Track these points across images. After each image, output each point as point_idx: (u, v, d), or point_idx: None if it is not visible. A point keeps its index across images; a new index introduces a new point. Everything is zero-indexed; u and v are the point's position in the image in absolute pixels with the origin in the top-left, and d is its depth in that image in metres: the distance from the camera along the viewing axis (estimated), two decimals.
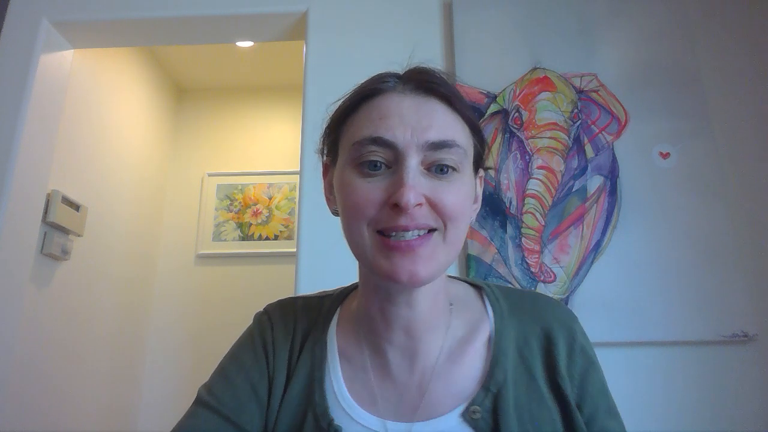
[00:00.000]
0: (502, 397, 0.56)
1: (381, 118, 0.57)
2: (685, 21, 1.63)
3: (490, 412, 0.56)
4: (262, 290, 2.64)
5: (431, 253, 0.54)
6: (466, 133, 0.59)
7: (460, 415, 0.56)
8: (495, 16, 1.67)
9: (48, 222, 1.84)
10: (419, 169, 0.55)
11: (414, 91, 0.59)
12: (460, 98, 0.60)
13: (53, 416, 1.87)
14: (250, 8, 1.77)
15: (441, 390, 0.58)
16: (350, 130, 0.60)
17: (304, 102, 1.66)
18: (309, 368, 0.63)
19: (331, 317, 0.68)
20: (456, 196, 0.55)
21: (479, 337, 0.61)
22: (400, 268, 0.53)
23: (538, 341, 0.61)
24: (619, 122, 1.54)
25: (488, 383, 0.57)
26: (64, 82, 1.89)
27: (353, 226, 0.57)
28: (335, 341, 0.64)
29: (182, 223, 2.77)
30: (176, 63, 2.82)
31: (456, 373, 0.59)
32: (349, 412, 0.59)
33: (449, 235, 0.55)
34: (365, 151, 0.56)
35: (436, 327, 0.61)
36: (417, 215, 0.53)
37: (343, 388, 0.60)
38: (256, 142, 2.93)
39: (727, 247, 1.41)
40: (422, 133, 0.55)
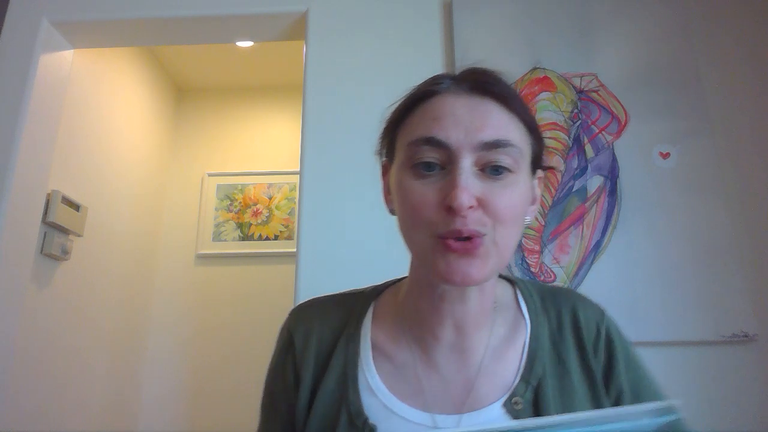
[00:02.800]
0: (541, 389, 0.58)
1: (435, 119, 0.57)
2: (685, 21, 1.63)
3: (531, 403, 0.58)
4: (262, 290, 2.64)
5: (484, 254, 0.54)
6: (522, 133, 0.59)
7: (502, 406, 0.58)
8: (495, 16, 1.67)
9: (48, 222, 1.84)
10: (473, 170, 0.55)
11: (468, 91, 0.59)
12: (515, 98, 0.59)
13: (53, 416, 1.87)
14: (250, 8, 1.77)
15: (486, 384, 0.59)
16: (405, 131, 0.61)
17: (304, 102, 1.66)
18: (342, 366, 0.63)
19: (365, 314, 0.68)
20: (509, 198, 0.55)
21: (518, 334, 0.63)
22: (455, 269, 0.54)
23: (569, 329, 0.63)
24: (619, 122, 1.54)
25: (528, 376, 0.59)
26: (64, 82, 1.89)
27: (412, 229, 0.57)
28: (369, 338, 0.65)
29: (182, 223, 2.77)
30: (176, 63, 2.82)
31: (499, 368, 0.60)
32: (391, 407, 0.59)
33: (499, 238, 0.55)
34: (419, 151, 0.56)
35: (483, 324, 0.62)
36: (470, 218, 0.53)
37: (380, 383, 0.61)
38: (256, 142, 2.93)
39: (727, 247, 1.41)
40: (476, 134, 0.55)
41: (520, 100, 0.60)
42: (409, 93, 0.63)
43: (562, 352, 0.62)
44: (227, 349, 2.58)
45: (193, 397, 2.52)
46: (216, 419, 2.48)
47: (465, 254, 0.54)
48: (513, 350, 0.62)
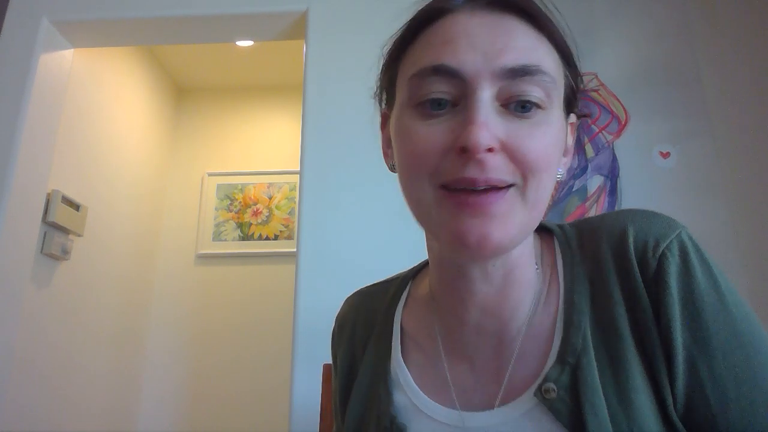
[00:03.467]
0: (581, 369, 0.44)
1: (444, 42, 0.45)
2: (685, 21, 1.63)
3: (568, 390, 0.44)
4: (262, 290, 2.64)
5: (507, 211, 0.43)
6: (555, 60, 0.47)
7: (534, 395, 0.46)
8: None
9: (48, 222, 1.84)
10: (493, 105, 0.43)
11: (487, 7, 0.46)
12: (549, 17, 0.48)
13: (53, 416, 1.87)
14: (250, 8, 1.77)
15: (520, 370, 0.48)
16: (408, 62, 0.48)
17: (304, 101, 1.66)
18: (373, 363, 0.56)
19: (396, 302, 0.59)
20: (541, 141, 0.43)
21: (554, 297, 0.49)
22: (468, 229, 0.42)
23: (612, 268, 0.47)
24: (619, 122, 1.54)
25: (564, 353, 0.46)
26: (64, 81, 1.89)
27: (412, 180, 0.46)
28: (399, 329, 0.57)
29: (182, 222, 2.77)
30: (176, 63, 2.82)
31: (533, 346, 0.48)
32: (419, 405, 0.51)
33: (530, 191, 0.43)
34: (425, 84, 0.44)
35: (522, 300, 0.49)
36: (489, 165, 0.42)
37: (408, 378, 0.53)
38: (256, 141, 2.93)
39: (727, 246, 1.41)
40: (497, 58, 0.43)
41: (551, 18, 0.48)
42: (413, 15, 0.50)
43: (609, 311, 0.46)
44: (227, 349, 2.58)
45: (193, 397, 2.52)
46: (216, 419, 2.48)
47: (479, 210, 0.42)
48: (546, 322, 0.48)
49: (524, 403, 0.46)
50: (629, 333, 0.45)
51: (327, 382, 1.10)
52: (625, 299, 0.46)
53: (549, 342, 0.47)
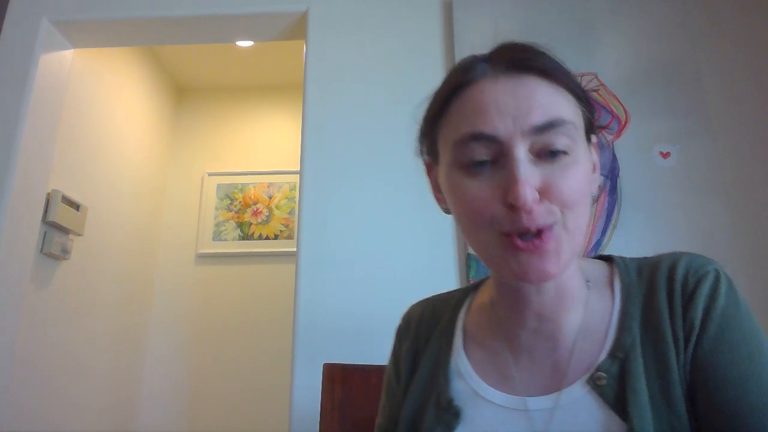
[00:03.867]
0: (629, 362, 0.53)
1: (477, 111, 0.53)
2: (685, 21, 1.63)
3: (616, 378, 0.53)
4: (262, 290, 2.65)
5: (557, 247, 0.51)
6: (573, 104, 0.55)
7: (585, 383, 0.54)
8: (495, 16, 1.67)
9: (48, 222, 1.84)
10: (528, 158, 0.51)
11: (506, 72, 0.53)
12: (559, 68, 0.55)
13: (53, 416, 1.88)
14: (250, 8, 1.77)
15: (576, 365, 0.56)
16: (446, 129, 0.56)
17: (304, 101, 1.66)
18: (435, 355, 0.65)
19: (460, 307, 0.69)
20: (572, 180, 0.51)
21: (608, 308, 0.59)
22: (529, 268, 0.51)
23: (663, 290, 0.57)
24: (619, 122, 1.54)
25: (615, 350, 0.55)
26: (64, 81, 1.89)
27: (474, 231, 0.54)
28: (462, 329, 0.66)
29: (182, 222, 2.77)
30: (176, 63, 2.82)
31: (589, 346, 0.57)
32: (478, 391, 0.59)
33: (569, 223, 0.52)
34: (467, 150, 0.53)
35: (570, 307, 0.59)
36: (536, 213, 0.50)
37: (469, 368, 0.61)
38: (256, 141, 2.93)
39: (727, 246, 1.41)
40: (524, 119, 0.51)
41: (563, 68, 0.56)
42: (442, 85, 0.58)
43: (655, 319, 0.55)
44: (227, 348, 2.58)
45: (194, 397, 2.52)
46: (216, 418, 2.48)
47: (536, 251, 0.51)
48: (600, 327, 0.58)
49: (578, 389, 0.55)
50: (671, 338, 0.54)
51: (327, 381, 1.10)
52: (668, 312, 0.55)
53: (602, 343, 0.57)
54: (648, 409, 0.51)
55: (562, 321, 0.58)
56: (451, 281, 1.46)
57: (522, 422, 0.55)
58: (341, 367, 1.11)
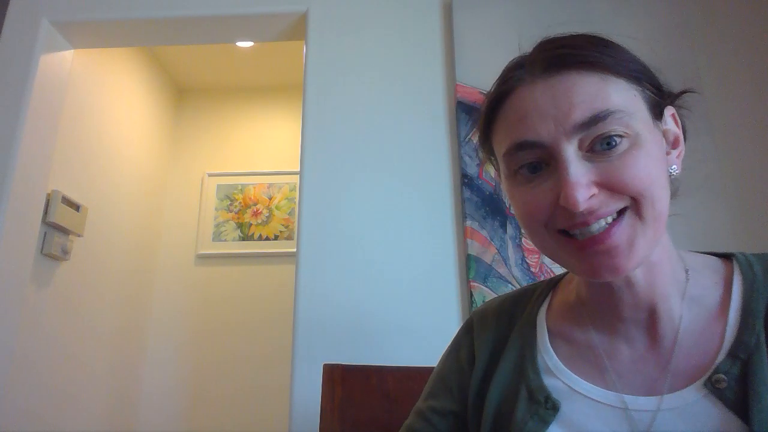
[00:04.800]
0: (753, 364, 0.49)
1: (519, 120, 0.52)
2: (685, 21, 1.63)
3: (738, 381, 0.49)
4: (262, 290, 2.65)
5: (628, 238, 0.49)
6: (623, 88, 0.52)
7: (703, 386, 0.51)
8: (495, 16, 1.67)
9: (48, 222, 1.84)
10: (580, 155, 0.49)
11: (543, 73, 0.52)
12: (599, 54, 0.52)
13: (53, 415, 1.87)
14: (250, 8, 1.77)
15: (685, 362, 0.53)
16: (497, 141, 0.56)
17: (304, 102, 1.66)
18: (519, 348, 0.62)
19: (542, 301, 0.66)
20: (635, 167, 0.49)
21: (726, 305, 0.55)
22: (598, 266, 0.49)
23: None
24: None
25: (736, 350, 0.51)
26: (64, 82, 1.89)
27: (534, 233, 0.54)
28: (545, 323, 0.63)
29: (182, 223, 2.77)
30: (176, 63, 2.82)
31: (702, 344, 0.53)
32: (574, 387, 0.56)
33: (645, 210, 0.49)
34: (515, 159, 0.52)
35: (669, 296, 0.55)
36: (595, 207, 0.48)
37: (559, 364, 0.59)
38: (256, 142, 2.93)
39: (727, 247, 1.41)
40: (566, 119, 0.49)
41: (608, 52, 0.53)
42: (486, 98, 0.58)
43: None
44: (227, 349, 2.58)
45: (194, 397, 2.52)
46: (216, 419, 2.48)
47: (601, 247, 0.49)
48: (718, 321, 0.54)
49: (694, 393, 0.51)
50: None
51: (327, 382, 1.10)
52: None
53: (718, 341, 0.53)
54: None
55: (659, 310, 0.55)
56: (452, 281, 1.46)
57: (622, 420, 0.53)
58: (341, 368, 1.11)
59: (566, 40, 0.54)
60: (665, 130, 0.56)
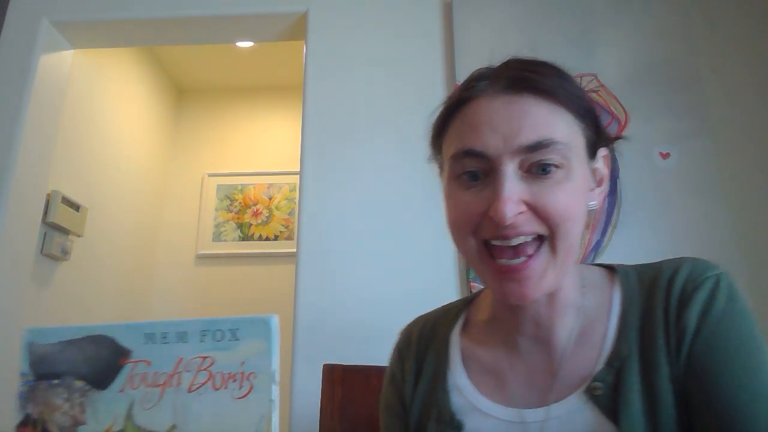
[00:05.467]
0: (624, 371, 0.54)
1: (471, 129, 0.55)
2: (685, 21, 1.63)
3: (612, 388, 0.54)
4: (262, 290, 2.64)
5: (541, 272, 0.53)
6: (569, 123, 0.55)
7: (583, 393, 0.55)
8: (495, 15, 1.67)
9: (48, 222, 1.84)
10: (517, 175, 0.53)
11: (504, 90, 0.55)
12: (557, 87, 0.55)
13: None
14: (250, 8, 1.77)
15: (570, 372, 0.57)
16: (447, 143, 0.59)
17: (304, 102, 1.66)
18: (433, 370, 0.66)
19: (456, 322, 0.69)
20: (561, 197, 0.52)
21: (607, 316, 0.59)
22: (509, 291, 0.53)
23: (661, 298, 0.56)
24: (619, 122, 1.54)
25: (612, 359, 0.55)
26: (64, 82, 1.89)
27: (458, 237, 0.57)
28: (458, 343, 0.66)
29: (182, 223, 2.77)
30: (176, 63, 2.82)
31: (585, 354, 0.58)
32: (476, 405, 0.60)
33: (558, 242, 0.53)
34: (461, 163, 0.55)
35: (566, 312, 0.60)
36: (518, 223, 0.52)
37: (467, 382, 0.62)
38: (256, 142, 2.93)
39: (727, 246, 1.41)
40: (514, 138, 0.52)
41: (564, 86, 0.56)
42: (447, 99, 0.61)
43: (652, 327, 0.55)
44: None
45: None
46: None
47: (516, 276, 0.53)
48: (600, 333, 0.58)
49: (575, 400, 0.55)
50: (664, 345, 0.54)
51: (327, 382, 1.10)
52: (663, 319, 0.55)
53: (598, 351, 0.57)
54: (641, 418, 0.52)
55: (556, 326, 0.59)
56: (451, 282, 1.46)
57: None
58: (341, 368, 1.11)
59: (531, 65, 0.58)
60: (595, 168, 0.60)
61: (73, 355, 0.49)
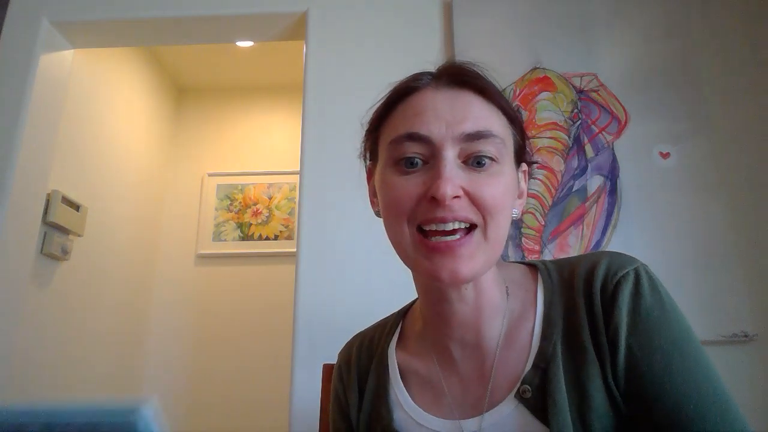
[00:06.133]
0: (550, 371, 0.55)
1: (416, 114, 0.57)
2: (685, 21, 1.63)
3: (539, 389, 0.54)
4: (262, 290, 2.64)
5: (472, 252, 0.54)
6: (504, 124, 0.59)
7: (514, 397, 0.56)
8: (495, 16, 1.67)
9: (48, 222, 1.84)
10: (456, 162, 0.55)
11: (448, 85, 0.58)
12: (495, 90, 0.59)
13: None
14: (250, 8, 1.77)
15: (501, 376, 0.58)
16: (387, 130, 0.60)
17: (304, 102, 1.66)
18: (374, 388, 0.66)
19: (392, 336, 0.70)
20: (495, 188, 0.55)
21: (531, 316, 0.60)
22: (441, 267, 0.53)
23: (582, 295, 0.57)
24: (619, 122, 1.54)
25: (538, 360, 0.56)
26: (64, 82, 1.89)
27: (393, 223, 0.58)
28: (395, 357, 0.66)
29: (182, 223, 2.77)
30: (176, 63, 2.82)
31: (514, 356, 0.58)
32: (418, 420, 0.60)
33: (490, 231, 0.54)
34: (401, 148, 0.56)
35: (493, 316, 0.60)
36: (455, 207, 0.53)
37: (408, 398, 0.62)
38: (256, 142, 2.93)
39: (727, 247, 1.41)
40: (457, 126, 0.55)
41: (500, 92, 0.60)
42: (389, 91, 0.63)
43: (576, 325, 0.56)
44: (227, 349, 2.58)
45: (193, 397, 2.52)
46: (216, 418, 2.48)
47: (449, 252, 0.53)
48: (525, 333, 0.59)
49: (508, 405, 0.56)
50: (590, 343, 0.54)
51: (327, 381, 1.10)
52: (588, 317, 0.56)
53: (526, 352, 0.57)
54: (568, 416, 0.52)
55: (483, 330, 0.60)
56: None
57: None
58: None
59: (471, 67, 0.61)
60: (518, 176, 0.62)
61: None
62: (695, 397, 0.50)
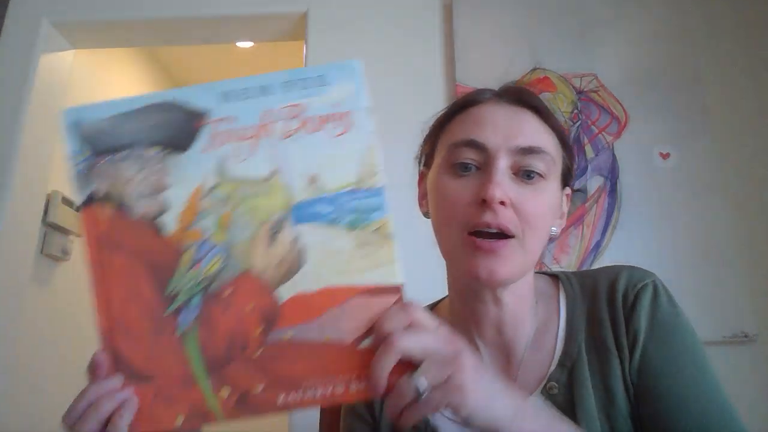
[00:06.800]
0: (576, 370, 0.59)
1: (475, 123, 0.61)
2: (685, 21, 1.63)
3: (566, 386, 0.59)
4: None
5: (509, 255, 0.57)
6: (556, 144, 0.63)
7: (540, 393, 0.60)
8: (495, 16, 1.67)
9: (48, 222, 1.84)
10: (508, 173, 0.58)
11: (508, 102, 0.63)
12: (551, 113, 0.64)
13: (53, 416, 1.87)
14: (250, 8, 1.77)
15: (527, 376, 0.62)
16: (447, 135, 0.64)
17: None
18: None
19: None
20: (539, 202, 0.59)
21: (555, 322, 0.64)
22: (481, 265, 0.57)
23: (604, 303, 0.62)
24: (619, 123, 1.54)
25: (563, 360, 0.61)
26: (64, 82, 1.89)
27: (444, 225, 0.61)
28: None
29: None
30: (176, 63, 2.82)
31: (539, 358, 0.62)
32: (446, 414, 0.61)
33: (527, 242, 0.58)
34: (459, 152, 0.60)
35: (523, 322, 0.64)
36: (500, 213, 0.56)
37: None
38: None
39: (727, 247, 1.41)
40: (513, 139, 0.59)
41: (556, 116, 0.65)
42: (457, 100, 0.68)
43: (599, 329, 0.61)
44: None
45: None
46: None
47: (490, 252, 0.57)
48: (549, 339, 0.63)
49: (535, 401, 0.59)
50: (614, 347, 0.59)
51: None
52: (611, 322, 0.61)
53: (551, 354, 0.62)
54: (594, 412, 0.57)
55: (517, 335, 0.64)
56: None
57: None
58: None
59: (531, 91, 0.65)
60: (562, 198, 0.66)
61: (136, 126, 0.46)
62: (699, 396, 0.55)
